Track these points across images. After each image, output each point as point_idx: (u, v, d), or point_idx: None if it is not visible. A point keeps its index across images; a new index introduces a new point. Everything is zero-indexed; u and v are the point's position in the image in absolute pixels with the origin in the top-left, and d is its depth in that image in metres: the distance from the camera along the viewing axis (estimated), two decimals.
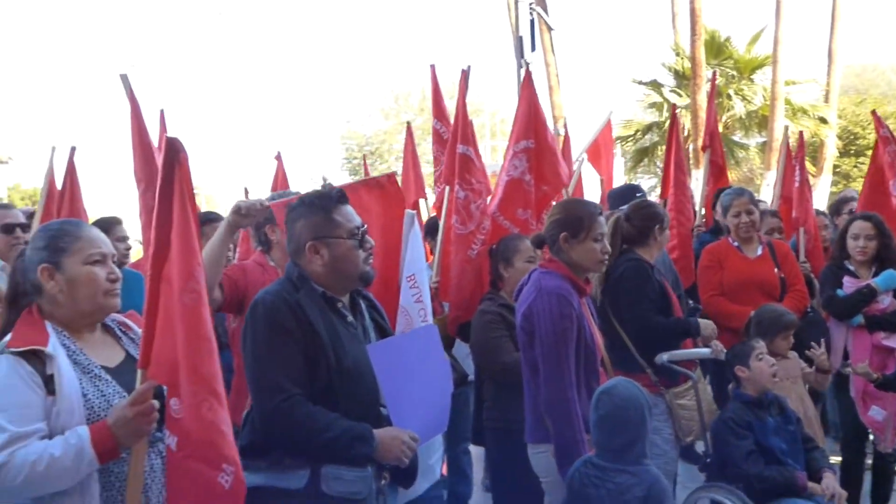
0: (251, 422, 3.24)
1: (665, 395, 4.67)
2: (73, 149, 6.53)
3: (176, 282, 2.72)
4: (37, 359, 2.73)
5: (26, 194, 37.74)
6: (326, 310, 3.31)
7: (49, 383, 2.72)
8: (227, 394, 2.81)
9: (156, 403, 2.70)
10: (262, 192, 4.30)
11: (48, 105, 77.31)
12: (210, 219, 4.44)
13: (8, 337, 2.81)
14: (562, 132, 10.11)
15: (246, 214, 4.01)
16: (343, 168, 39.39)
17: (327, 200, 3.40)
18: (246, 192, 9.59)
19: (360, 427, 3.20)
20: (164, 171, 2.74)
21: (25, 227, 5.35)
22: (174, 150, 2.74)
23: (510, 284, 4.82)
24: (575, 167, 7.65)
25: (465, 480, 6.09)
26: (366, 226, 3.50)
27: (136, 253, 7.06)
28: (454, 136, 5.93)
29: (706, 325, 4.87)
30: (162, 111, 6.32)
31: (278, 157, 8.51)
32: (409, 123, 10.44)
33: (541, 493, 4.09)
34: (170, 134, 2.88)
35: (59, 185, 6.67)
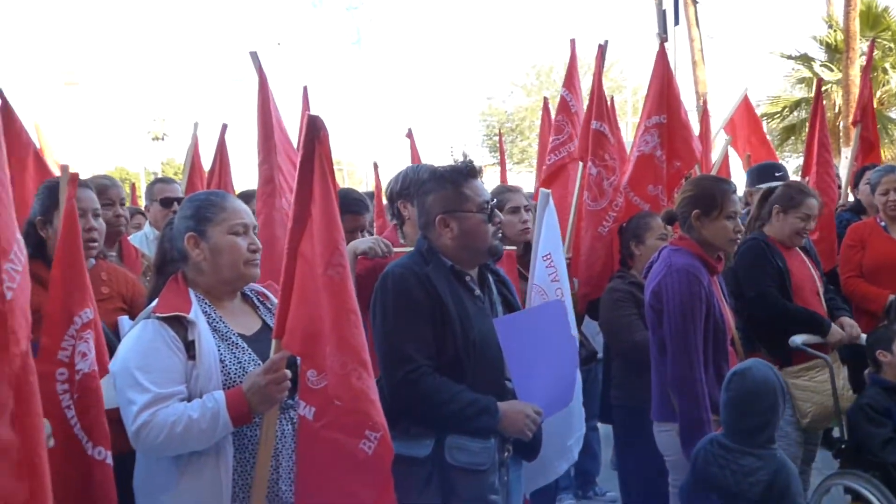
0: (379, 391, 3.33)
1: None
2: (225, 126, 6.76)
3: (318, 256, 2.79)
4: (179, 324, 2.87)
5: (179, 169, 39.44)
6: (455, 283, 3.36)
7: (190, 348, 2.85)
8: None
9: (288, 373, 2.80)
10: (398, 167, 4.39)
11: (200, 83, 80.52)
12: (350, 210, 4.38)
13: (154, 302, 2.96)
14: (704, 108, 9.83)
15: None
16: (483, 145, 39.36)
17: (457, 174, 3.44)
18: (375, 166, 9.74)
19: (485, 399, 3.25)
20: (305, 149, 2.82)
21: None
22: (315, 128, 2.80)
23: (641, 262, 4.78)
24: (719, 146, 7.48)
25: (592, 458, 6.10)
26: (496, 200, 3.55)
27: None
28: (589, 111, 5.88)
29: (836, 333, 4.72)
30: (305, 88, 6.46)
31: (409, 135, 8.61)
32: (546, 99, 10.36)
33: (666, 471, 4.07)
34: (312, 111, 2.96)
35: (203, 158, 6.96)
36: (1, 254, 1.87)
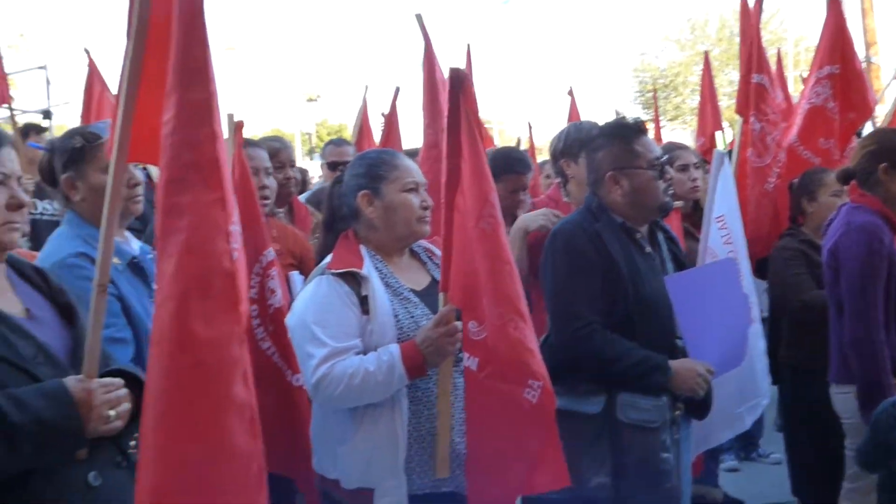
0: (549, 347, 3.32)
1: None
2: (398, 89, 6.85)
3: (471, 210, 2.84)
4: (353, 280, 2.94)
5: (332, 129, 40.51)
6: (625, 240, 3.34)
7: (363, 303, 2.93)
8: None
9: (459, 325, 2.85)
10: (552, 128, 4.31)
11: (352, 45, 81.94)
12: (513, 171, 4.37)
13: (328, 259, 3.05)
14: (874, 60, 9.34)
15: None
16: (636, 101, 38.38)
17: (627, 130, 3.42)
18: (529, 127, 9.71)
19: (656, 357, 3.24)
20: (451, 103, 2.86)
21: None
22: (458, 81, 2.84)
23: (814, 219, 4.62)
24: (889, 98, 7.09)
25: (756, 419, 5.95)
26: (666, 156, 3.49)
27: None
28: (747, 64, 5.66)
29: None
30: (468, 45, 6.49)
31: (570, 93, 8.55)
32: (706, 53, 10.13)
33: (835, 434, 3.95)
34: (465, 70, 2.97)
35: (370, 121, 7.10)
36: (227, 216, 1.94)
